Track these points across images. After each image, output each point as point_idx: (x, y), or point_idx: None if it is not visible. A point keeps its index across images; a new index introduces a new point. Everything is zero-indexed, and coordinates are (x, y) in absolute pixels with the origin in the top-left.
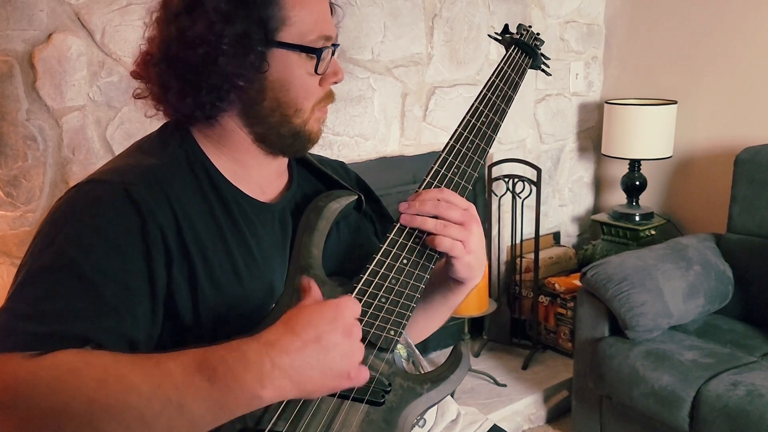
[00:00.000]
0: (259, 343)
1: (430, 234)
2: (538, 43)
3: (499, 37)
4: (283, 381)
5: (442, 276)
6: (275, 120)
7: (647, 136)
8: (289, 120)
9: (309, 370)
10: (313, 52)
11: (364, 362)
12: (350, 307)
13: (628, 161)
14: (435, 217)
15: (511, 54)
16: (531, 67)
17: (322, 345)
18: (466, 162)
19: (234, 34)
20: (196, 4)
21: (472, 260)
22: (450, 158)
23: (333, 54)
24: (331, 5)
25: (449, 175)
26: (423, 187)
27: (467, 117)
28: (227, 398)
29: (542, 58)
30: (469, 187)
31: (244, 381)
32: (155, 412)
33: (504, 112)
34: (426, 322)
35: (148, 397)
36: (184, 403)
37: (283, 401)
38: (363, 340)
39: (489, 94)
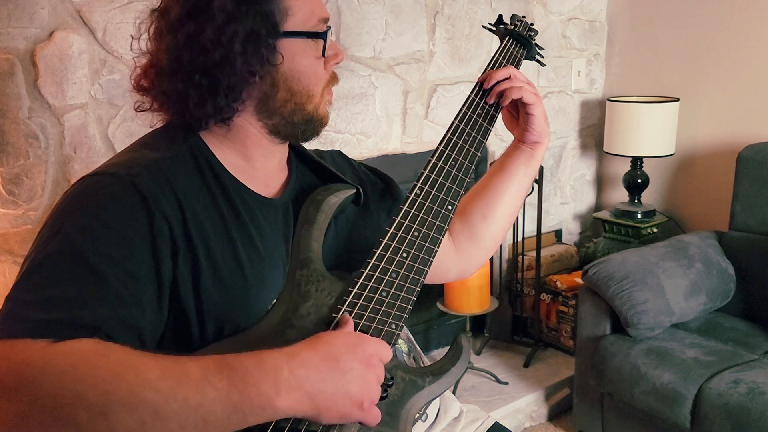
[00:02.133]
0: (279, 353)
1: (503, 94)
2: (533, 34)
3: (493, 28)
4: (299, 393)
5: (516, 148)
6: (289, 110)
7: (649, 133)
8: (302, 107)
9: (324, 387)
10: (318, 36)
11: None
12: (375, 344)
13: (630, 159)
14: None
15: (505, 45)
16: (526, 58)
17: (339, 366)
18: (463, 154)
19: (244, 33)
20: (199, 8)
21: (545, 112)
22: (447, 150)
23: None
24: None
25: (446, 167)
26: (422, 179)
27: (464, 108)
28: (243, 402)
29: (537, 48)
30: (467, 179)
31: (261, 387)
32: (171, 410)
33: (499, 106)
34: (513, 202)
35: (165, 394)
36: (201, 403)
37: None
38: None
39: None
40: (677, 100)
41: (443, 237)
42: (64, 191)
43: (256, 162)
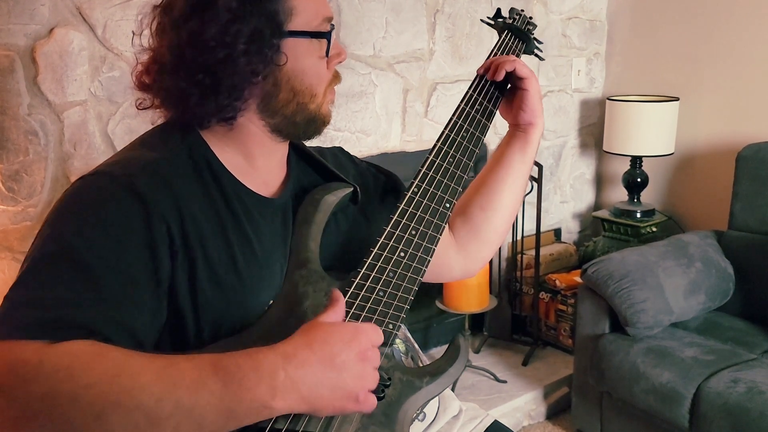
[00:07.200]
0: (275, 354)
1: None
2: (531, 28)
3: (492, 22)
4: (295, 395)
5: (511, 136)
6: (291, 109)
7: (649, 132)
8: (305, 107)
9: (320, 387)
10: (322, 36)
11: None
12: (370, 333)
13: (630, 158)
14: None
15: (503, 39)
16: (524, 52)
17: (335, 364)
18: (461, 151)
19: (248, 32)
20: (204, 6)
21: (540, 91)
22: (445, 147)
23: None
24: None
25: (444, 164)
26: (419, 176)
27: (461, 105)
28: (238, 405)
29: (535, 42)
30: (465, 176)
31: (257, 390)
32: (165, 413)
33: (498, 99)
34: (512, 193)
35: (159, 397)
36: (195, 405)
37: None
38: None
39: (483, 81)
40: (677, 99)
41: (441, 235)
42: (64, 189)
43: (257, 161)
